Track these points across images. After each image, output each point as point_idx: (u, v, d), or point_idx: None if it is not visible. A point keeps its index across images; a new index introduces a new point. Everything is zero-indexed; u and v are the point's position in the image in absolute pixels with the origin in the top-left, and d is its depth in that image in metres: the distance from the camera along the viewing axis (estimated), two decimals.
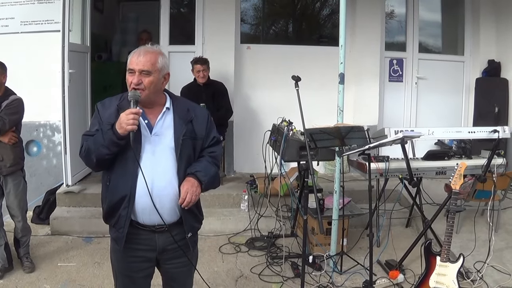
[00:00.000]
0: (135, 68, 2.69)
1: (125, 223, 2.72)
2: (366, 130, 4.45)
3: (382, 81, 7.69)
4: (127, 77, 2.73)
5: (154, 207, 2.68)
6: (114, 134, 2.60)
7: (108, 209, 2.78)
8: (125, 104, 2.74)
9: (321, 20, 8.54)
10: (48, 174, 6.57)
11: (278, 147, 4.97)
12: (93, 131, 2.75)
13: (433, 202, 5.87)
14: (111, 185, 2.75)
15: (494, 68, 7.73)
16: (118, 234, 2.77)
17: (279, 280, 4.72)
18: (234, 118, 7.13)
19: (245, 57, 7.44)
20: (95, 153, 2.66)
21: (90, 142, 2.69)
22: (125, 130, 2.57)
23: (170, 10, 7.38)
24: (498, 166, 4.98)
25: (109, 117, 2.73)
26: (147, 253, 2.87)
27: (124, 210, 2.71)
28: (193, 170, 2.80)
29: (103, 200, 2.85)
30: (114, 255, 2.95)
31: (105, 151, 2.64)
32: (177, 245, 2.87)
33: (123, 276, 2.94)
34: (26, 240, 4.88)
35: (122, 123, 2.57)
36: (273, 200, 5.84)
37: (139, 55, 2.71)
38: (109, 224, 2.86)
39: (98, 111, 2.81)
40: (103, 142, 2.62)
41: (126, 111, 2.60)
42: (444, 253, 3.86)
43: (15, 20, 6.35)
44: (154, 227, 2.79)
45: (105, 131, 2.63)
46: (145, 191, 2.65)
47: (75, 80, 6.01)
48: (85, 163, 2.80)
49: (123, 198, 2.70)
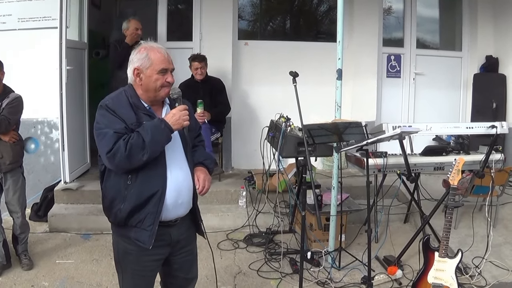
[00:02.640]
0: (169, 67, 2.79)
1: (154, 220, 2.71)
2: (364, 126, 4.45)
3: (380, 77, 7.70)
4: (156, 77, 2.75)
5: (177, 202, 2.79)
6: (170, 131, 2.67)
7: (133, 208, 2.71)
8: (137, 101, 2.78)
9: (319, 16, 8.53)
10: (45, 171, 6.56)
11: (276, 143, 4.97)
12: (120, 128, 2.65)
13: (431, 197, 5.89)
14: (137, 184, 2.70)
15: (492, 64, 7.74)
16: (145, 233, 2.72)
17: (277, 276, 4.72)
18: (232, 114, 7.14)
19: (242, 53, 7.44)
20: (148, 150, 2.60)
21: (134, 141, 2.59)
22: (182, 126, 2.70)
23: (168, 7, 7.37)
24: (496, 161, 4.97)
25: (128, 115, 2.70)
26: (162, 250, 2.89)
27: (154, 207, 2.70)
28: (201, 159, 2.96)
29: (118, 200, 2.75)
30: (126, 257, 2.88)
31: (159, 148, 2.69)
32: (186, 235, 3.00)
33: (136, 276, 2.91)
34: (24, 237, 4.87)
35: (179, 119, 2.68)
36: (271, 196, 5.85)
37: (165, 54, 2.80)
38: (128, 225, 2.77)
39: (111, 110, 2.70)
40: (160, 139, 2.65)
41: (179, 107, 2.74)
42: (442, 249, 3.86)
43: (13, 17, 6.33)
44: (171, 222, 2.84)
45: (162, 128, 2.64)
46: (172, 187, 2.74)
47: (72, 77, 5.99)
48: (119, 161, 2.62)
49: (153, 195, 2.70)
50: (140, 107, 2.74)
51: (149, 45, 2.82)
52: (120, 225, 2.83)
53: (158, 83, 2.74)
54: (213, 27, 7.18)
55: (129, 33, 6.34)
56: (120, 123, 2.67)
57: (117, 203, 2.77)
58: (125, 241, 2.85)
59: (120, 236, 2.89)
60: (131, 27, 6.34)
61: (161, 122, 2.66)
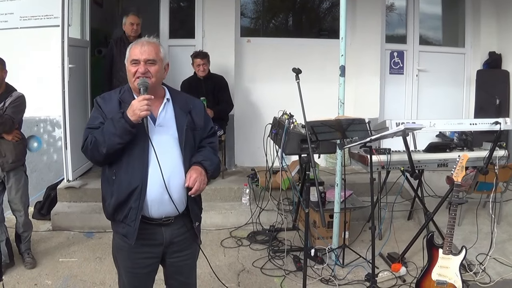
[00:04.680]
0: (140, 58, 2.72)
1: (136, 216, 2.69)
2: (367, 123, 4.44)
3: (382, 73, 7.67)
4: (130, 68, 2.75)
5: (164, 198, 2.70)
6: (126, 122, 2.59)
7: (117, 203, 2.73)
8: (127, 96, 2.79)
9: (321, 13, 8.52)
10: (48, 170, 6.56)
11: (279, 140, 4.96)
12: (96, 124, 2.73)
13: (435, 194, 5.88)
14: (119, 178, 2.71)
15: (495, 60, 7.71)
16: (129, 228, 2.72)
17: (281, 273, 4.72)
18: (235, 111, 7.13)
19: (245, 51, 7.43)
20: (105, 143, 2.62)
21: (97, 134, 2.66)
22: (139, 116, 2.59)
23: (170, 4, 7.37)
24: (500, 158, 4.96)
25: (111, 110, 2.74)
26: (154, 249, 2.86)
27: (135, 202, 2.68)
28: (199, 159, 2.83)
29: (107, 195, 2.80)
30: (119, 253, 2.91)
31: (117, 140, 2.62)
32: (183, 237, 2.89)
33: (128, 273, 2.91)
34: (27, 235, 4.88)
35: (136, 109, 2.59)
36: (275, 193, 5.85)
37: (142, 45, 2.74)
38: (116, 220, 2.80)
39: (98, 105, 2.80)
40: (115, 131, 2.60)
41: (139, 98, 2.64)
42: (446, 246, 3.86)
43: (14, 16, 6.32)
44: (161, 220, 2.79)
45: (117, 120, 2.62)
46: (156, 182, 2.67)
47: (75, 75, 5.99)
48: (90, 156, 2.74)
49: (134, 190, 2.68)
50: (127, 101, 2.72)
51: (140, 39, 2.83)
52: (112, 220, 2.88)
53: (130, 74, 2.75)
54: (216, 24, 7.17)
55: (125, 28, 6.44)
56: (99, 119, 2.75)
57: (107, 198, 2.81)
58: (118, 237, 2.87)
59: (114, 232, 2.91)
60: (127, 22, 6.40)
61: (118, 114, 2.65)
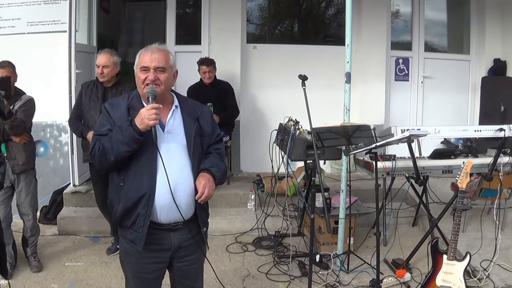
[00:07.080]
0: (150, 65, 2.73)
1: (144, 222, 2.71)
2: (372, 129, 4.46)
3: (388, 80, 7.69)
4: (139, 75, 2.76)
5: (172, 204, 2.70)
6: (134, 130, 2.61)
7: (124, 209, 2.75)
8: (135, 103, 2.81)
9: (327, 20, 8.53)
10: (55, 174, 6.60)
11: (285, 147, 4.98)
12: (104, 130, 2.75)
13: (440, 200, 5.88)
14: (127, 185, 2.74)
15: (500, 67, 7.71)
16: (137, 234, 2.74)
17: (286, 279, 4.73)
18: (241, 117, 7.15)
19: (251, 57, 7.46)
20: (113, 151, 2.64)
21: (105, 141, 2.68)
22: (147, 125, 2.60)
23: (176, 10, 7.41)
24: (504, 164, 4.96)
25: (120, 117, 2.75)
26: (162, 253, 2.88)
27: (143, 208, 2.70)
28: (207, 166, 2.85)
29: (114, 202, 2.82)
30: (127, 258, 2.93)
31: (125, 148, 2.63)
32: (191, 242, 2.90)
33: (135, 278, 2.93)
34: (34, 239, 4.91)
35: (144, 118, 2.60)
36: (280, 199, 5.85)
37: (152, 52, 2.75)
38: (124, 226, 2.82)
39: (107, 111, 2.82)
40: (123, 139, 2.62)
41: (147, 106, 2.64)
42: (450, 252, 3.87)
43: (22, 21, 6.38)
44: (170, 225, 2.80)
45: (125, 128, 2.63)
46: (164, 189, 2.68)
47: (81, 80, 6.00)
48: (97, 162, 2.76)
49: (142, 197, 2.69)
50: (136, 108, 2.74)
51: (151, 46, 2.84)
52: (119, 226, 2.90)
53: (139, 81, 2.76)
54: (222, 30, 7.20)
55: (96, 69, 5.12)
56: (107, 125, 2.76)
57: (114, 204, 2.83)
58: (126, 242, 2.88)
59: (122, 237, 2.93)
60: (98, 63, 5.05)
61: (126, 122, 2.66)
